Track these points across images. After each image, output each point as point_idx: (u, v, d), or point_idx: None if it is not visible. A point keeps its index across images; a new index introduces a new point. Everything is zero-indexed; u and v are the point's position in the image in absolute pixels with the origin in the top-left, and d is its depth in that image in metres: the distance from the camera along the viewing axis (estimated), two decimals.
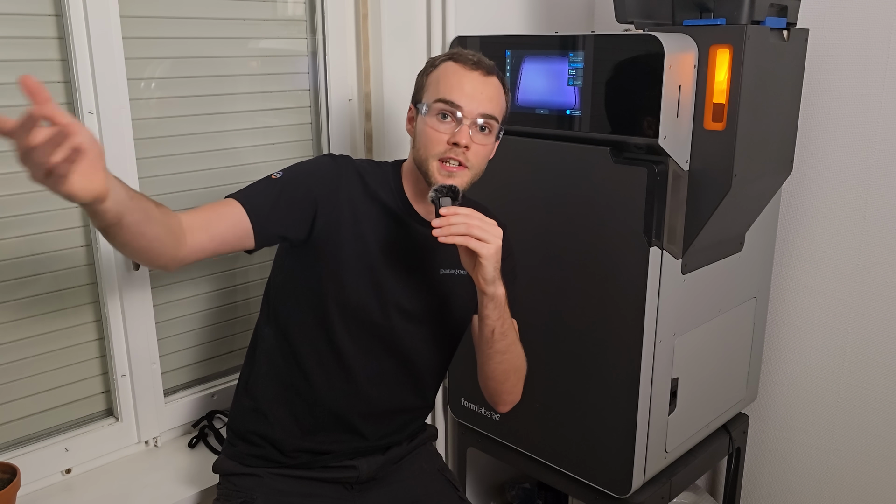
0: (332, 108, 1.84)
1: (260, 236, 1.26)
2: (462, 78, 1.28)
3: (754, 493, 2.20)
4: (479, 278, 1.23)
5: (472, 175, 1.30)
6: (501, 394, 1.41)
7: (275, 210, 1.27)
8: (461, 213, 1.18)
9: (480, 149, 1.29)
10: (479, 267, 1.22)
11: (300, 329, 1.36)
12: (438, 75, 1.30)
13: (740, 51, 1.42)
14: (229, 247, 1.25)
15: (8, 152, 1.38)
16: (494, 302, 1.26)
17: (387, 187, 1.37)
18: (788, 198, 1.96)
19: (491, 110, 1.28)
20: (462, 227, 1.17)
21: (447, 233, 1.17)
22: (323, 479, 1.41)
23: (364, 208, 1.33)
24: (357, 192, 1.33)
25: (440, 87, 1.28)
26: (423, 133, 1.29)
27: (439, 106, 1.27)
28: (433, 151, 1.27)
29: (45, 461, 1.50)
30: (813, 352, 2.01)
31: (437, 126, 1.27)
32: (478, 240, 1.18)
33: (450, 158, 1.26)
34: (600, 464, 1.68)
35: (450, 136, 1.26)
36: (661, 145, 1.44)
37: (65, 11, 1.38)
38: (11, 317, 1.45)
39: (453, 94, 1.26)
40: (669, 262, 1.54)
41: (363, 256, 1.33)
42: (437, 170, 1.27)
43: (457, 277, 1.40)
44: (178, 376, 1.74)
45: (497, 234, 1.20)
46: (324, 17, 1.79)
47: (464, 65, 1.29)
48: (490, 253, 1.19)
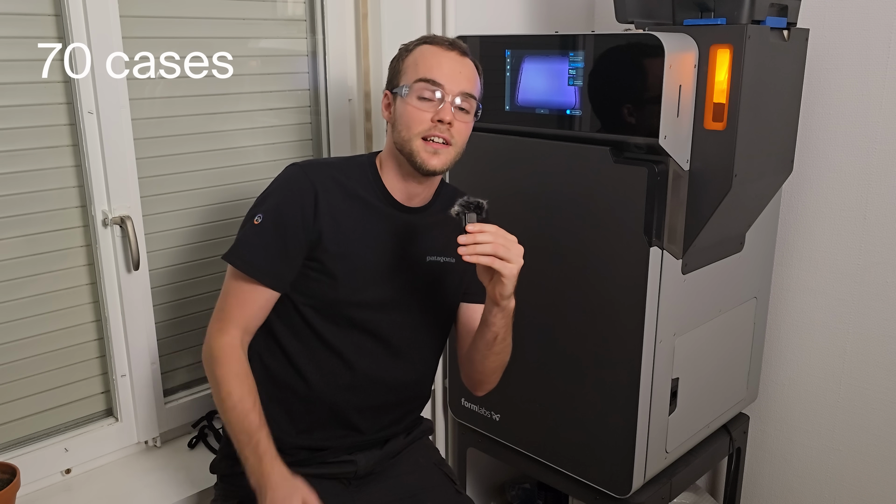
0: (331, 108, 1.84)
1: (281, 288, 1.33)
2: (440, 58, 1.31)
3: (754, 493, 2.20)
4: (497, 293, 1.24)
5: (455, 153, 1.33)
6: (484, 384, 1.46)
7: (280, 264, 1.30)
8: (488, 232, 1.18)
9: (462, 126, 1.32)
10: (498, 284, 1.23)
11: (289, 329, 1.36)
12: (416, 58, 1.32)
13: (741, 51, 1.42)
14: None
15: (8, 152, 1.39)
16: (504, 312, 1.29)
17: (364, 181, 1.37)
18: (789, 198, 1.96)
19: (470, 89, 1.32)
20: (489, 247, 1.18)
21: (473, 251, 1.17)
22: (321, 476, 1.41)
23: (344, 208, 1.33)
24: (334, 196, 1.33)
25: (419, 68, 1.30)
26: (405, 113, 1.30)
27: (421, 85, 1.29)
28: (416, 130, 1.29)
29: (44, 461, 1.50)
30: (813, 352, 2.01)
31: (419, 105, 1.29)
32: (501, 259, 1.19)
33: (434, 136, 1.29)
34: (600, 464, 1.68)
35: (433, 113, 1.28)
36: (662, 145, 1.44)
37: (64, 11, 1.38)
38: (11, 317, 1.45)
39: (433, 73, 1.29)
40: (670, 262, 1.54)
41: (350, 257, 1.33)
42: (422, 148, 1.29)
43: (443, 264, 1.41)
44: (178, 376, 1.74)
45: (519, 252, 1.21)
46: (324, 16, 1.79)
47: (440, 46, 1.32)
48: (512, 273, 1.21)
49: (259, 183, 1.73)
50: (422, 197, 1.40)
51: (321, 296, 1.33)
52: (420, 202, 1.40)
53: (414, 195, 1.38)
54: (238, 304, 1.31)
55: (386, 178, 1.37)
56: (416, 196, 1.38)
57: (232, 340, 1.29)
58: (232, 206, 1.71)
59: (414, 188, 1.37)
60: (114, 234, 1.51)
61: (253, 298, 1.31)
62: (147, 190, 1.57)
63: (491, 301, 1.27)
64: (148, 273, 1.59)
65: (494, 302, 1.26)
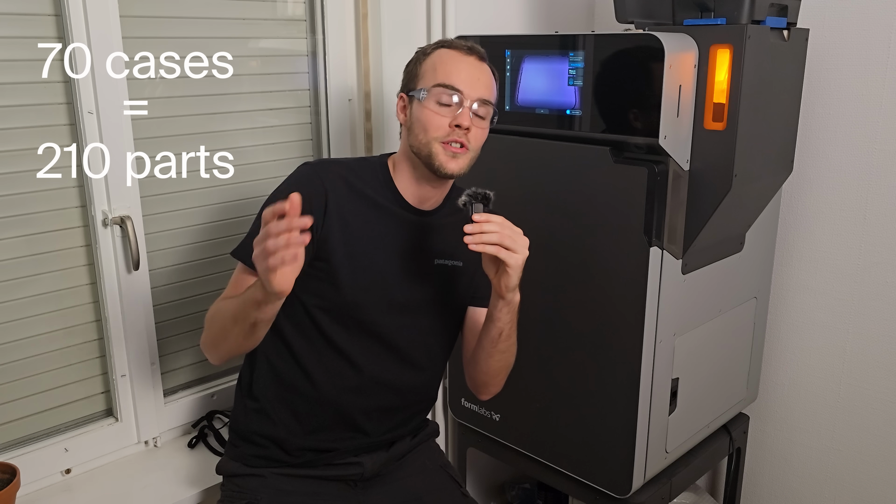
0: (331, 108, 1.84)
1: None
2: (459, 63, 1.31)
3: (754, 493, 2.20)
4: (502, 285, 1.24)
5: (471, 157, 1.33)
6: (489, 386, 1.45)
7: None
8: (494, 222, 1.19)
9: (479, 132, 1.32)
10: (503, 275, 1.23)
11: (297, 330, 1.36)
12: (434, 62, 1.32)
13: (740, 51, 1.42)
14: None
15: (8, 152, 1.39)
16: (510, 307, 1.29)
17: (375, 181, 1.37)
18: (789, 198, 1.96)
19: (488, 95, 1.32)
20: (494, 236, 1.18)
21: (479, 241, 1.18)
22: (327, 478, 1.41)
23: (352, 207, 1.33)
24: (342, 195, 1.33)
25: (438, 72, 1.30)
26: (423, 118, 1.30)
27: (439, 90, 1.29)
28: (435, 135, 1.29)
29: (44, 461, 1.50)
30: (813, 352, 2.01)
31: (437, 110, 1.29)
32: (507, 249, 1.19)
33: (452, 140, 1.29)
34: (600, 464, 1.68)
35: (451, 118, 1.28)
36: (662, 145, 1.44)
37: (64, 11, 1.38)
38: (11, 317, 1.45)
39: (452, 79, 1.29)
40: (670, 262, 1.54)
41: (357, 257, 1.33)
42: (441, 151, 1.29)
43: (451, 267, 1.41)
44: (178, 376, 1.73)
45: (525, 243, 1.22)
46: (324, 16, 1.79)
47: (459, 50, 1.32)
48: (518, 264, 1.21)
49: (259, 183, 1.73)
50: (433, 200, 1.39)
51: (329, 297, 1.33)
52: (431, 205, 1.40)
53: (427, 198, 1.38)
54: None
55: (398, 181, 1.37)
56: (428, 199, 1.38)
57: None
58: (232, 206, 1.71)
59: (427, 191, 1.37)
60: (114, 234, 1.51)
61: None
62: (147, 190, 1.57)
63: (496, 294, 1.27)
64: (148, 273, 1.59)
65: (500, 295, 1.26)
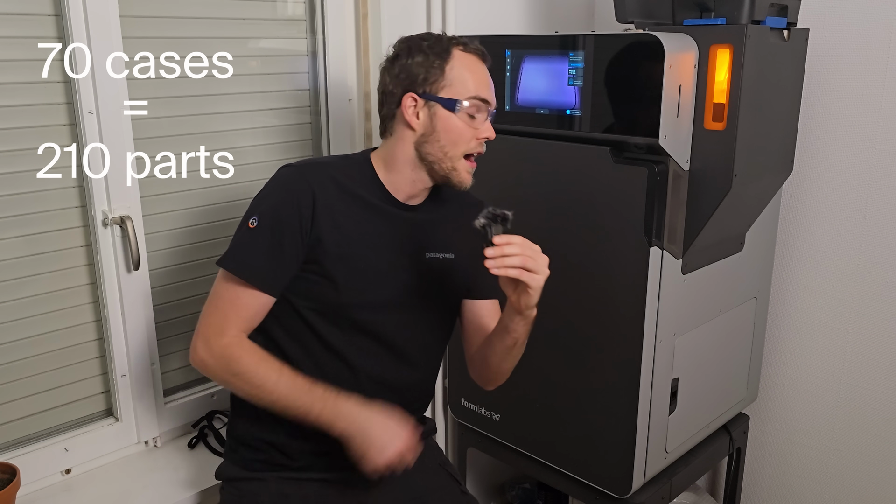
0: (331, 108, 1.84)
1: (276, 293, 1.30)
2: (482, 72, 1.30)
3: (754, 493, 2.20)
4: (521, 304, 1.23)
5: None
6: (498, 380, 1.45)
7: (276, 268, 1.28)
8: (515, 244, 1.17)
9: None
10: (524, 295, 1.21)
11: (290, 336, 1.34)
12: (462, 70, 1.29)
13: (740, 51, 1.42)
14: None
15: (8, 152, 1.39)
16: (527, 321, 1.28)
17: (362, 179, 1.35)
18: (788, 198, 1.96)
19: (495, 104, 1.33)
20: (517, 259, 1.16)
21: (501, 265, 1.16)
22: (327, 480, 1.41)
23: (341, 207, 1.31)
24: (332, 195, 1.31)
25: (469, 83, 1.28)
26: (456, 130, 1.28)
27: (477, 104, 1.28)
28: (465, 148, 1.29)
29: (44, 461, 1.50)
30: (813, 352, 2.01)
31: (469, 122, 1.28)
32: (529, 272, 1.18)
33: (477, 153, 1.29)
34: (600, 464, 1.68)
35: (476, 131, 1.28)
36: (662, 145, 1.44)
37: (64, 11, 1.38)
38: (11, 317, 1.45)
39: (484, 92, 1.29)
40: (670, 262, 1.54)
41: (351, 258, 1.32)
42: (464, 167, 1.30)
43: (443, 261, 1.40)
44: (177, 376, 1.73)
45: (545, 262, 1.20)
46: (324, 16, 1.79)
47: (476, 55, 1.31)
48: (539, 285, 1.20)
49: (259, 183, 1.72)
50: (421, 197, 1.39)
51: (323, 299, 1.32)
52: (418, 200, 1.39)
53: (417, 196, 1.38)
54: (234, 309, 1.28)
55: (387, 178, 1.35)
56: (417, 196, 1.38)
57: (233, 339, 1.27)
58: (232, 207, 1.71)
59: (421, 192, 1.37)
60: (114, 234, 1.51)
61: (249, 303, 1.28)
62: (147, 190, 1.57)
63: (513, 310, 1.26)
64: (148, 273, 1.58)
65: (517, 311, 1.25)
